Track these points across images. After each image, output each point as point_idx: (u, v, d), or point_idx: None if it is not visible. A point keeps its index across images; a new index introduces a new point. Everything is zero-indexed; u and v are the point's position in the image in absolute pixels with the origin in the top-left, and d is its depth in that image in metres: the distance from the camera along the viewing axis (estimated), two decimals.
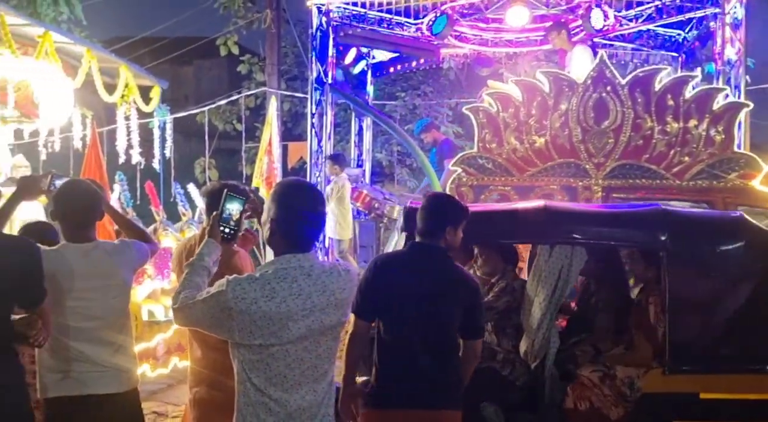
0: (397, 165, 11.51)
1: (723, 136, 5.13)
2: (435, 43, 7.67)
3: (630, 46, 8.36)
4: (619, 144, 5.26)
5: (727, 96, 5.70)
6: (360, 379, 2.83)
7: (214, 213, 2.25)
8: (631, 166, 5.26)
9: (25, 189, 2.81)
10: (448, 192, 5.58)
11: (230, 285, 1.99)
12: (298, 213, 2.06)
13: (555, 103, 5.37)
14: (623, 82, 5.26)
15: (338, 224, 7.07)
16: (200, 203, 7.88)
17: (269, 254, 2.57)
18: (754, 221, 3.41)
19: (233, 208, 2.23)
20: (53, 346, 2.58)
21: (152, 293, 5.65)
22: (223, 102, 11.86)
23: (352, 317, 2.60)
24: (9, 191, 3.05)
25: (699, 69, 7.79)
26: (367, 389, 2.69)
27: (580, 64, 6.16)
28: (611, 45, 8.22)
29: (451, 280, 2.68)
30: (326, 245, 7.12)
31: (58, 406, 2.61)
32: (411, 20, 7.57)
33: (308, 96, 7.46)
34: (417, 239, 2.75)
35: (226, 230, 2.23)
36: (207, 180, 11.57)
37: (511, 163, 5.45)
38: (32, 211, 6.06)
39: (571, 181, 5.35)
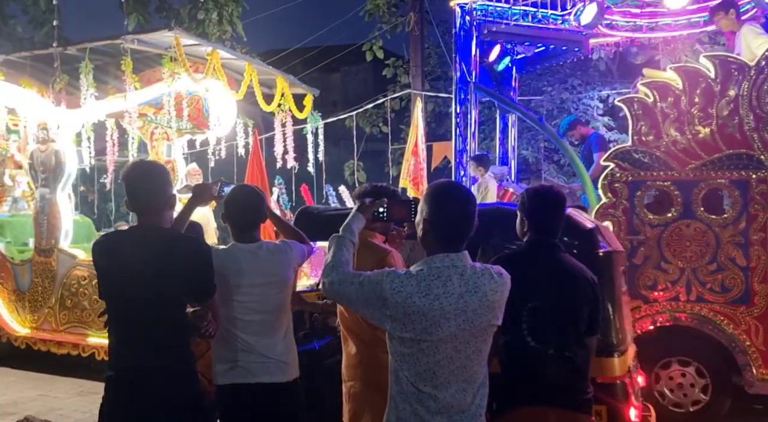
0: (544, 161, 11.17)
1: None
2: (583, 33, 7.35)
3: None
4: None
5: None
6: None
7: (369, 200, 2.40)
8: None
9: (199, 195, 3.08)
10: (599, 187, 5.35)
11: (388, 278, 2.08)
12: (451, 213, 2.11)
13: (722, 89, 4.93)
14: None
15: None
16: (351, 204, 8.25)
17: None
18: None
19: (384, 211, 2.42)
20: (224, 337, 2.84)
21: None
22: (369, 106, 12.26)
23: None
24: (185, 197, 3.42)
25: None
26: (498, 387, 2.65)
27: (750, 44, 5.58)
28: None
29: (564, 277, 2.60)
30: None
31: (228, 393, 2.85)
32: (557, 12, 7.32)
33: (452, 96, 7.49)
34: (527, 237, 2.68)
35: (380, 209, 2.39)
36: (356, 182, 12.04)
37: (670, 157, 5.09)
38: (200, 214, 6.69)
39: (743, 174, 4.89)
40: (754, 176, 4.86)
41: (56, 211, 6.95)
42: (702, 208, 5.00)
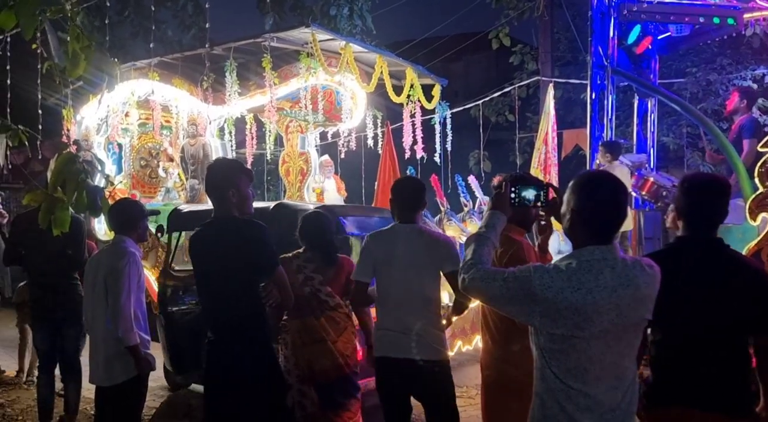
0: (687, 148, 10.40)
1: None
2: (738, 7, 6.74)
3: None
4: None
5: None
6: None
7: (505, 183, 2.34)
8: None
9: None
10: (755, 175, 4.90)
11: (537, 273, 2.03)
12: (600, 203, 2.04)
13: None
14: None
15: None
16: (480, 194, 8.18)
17: None
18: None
19: (528, 193, 2.31)
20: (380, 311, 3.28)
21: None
22: (496, 94, 12.06)
23: None
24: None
25: None
26: (649, 389, 2.55)
27: None
28: None
29: (728, 274, 2.41)
30: None
31: (379, 364, 3.25)
32: None
33: (585, 81, 7.19)
34: (683, 232, 2.49)
35: (515, 200, 2.31)
36: (481, 172, 11.92)
37: None
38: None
39: None
40: None
41: (204, 201, 7.51)
42: None
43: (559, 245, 7.21)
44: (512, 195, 2.29)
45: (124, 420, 3.49)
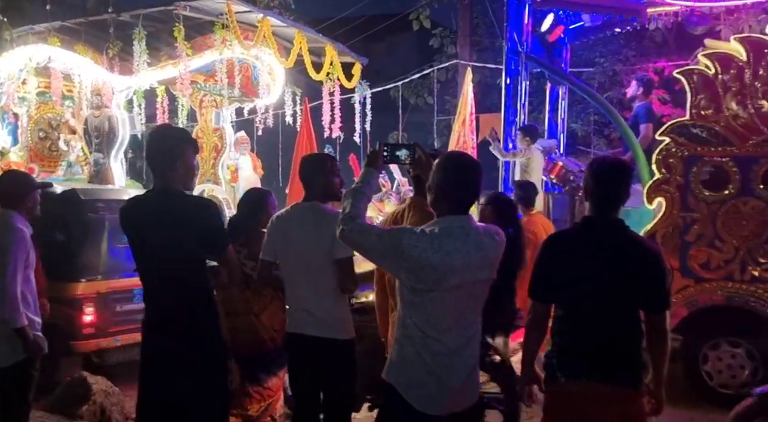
0: (594, 135, 10.90)
1: None
2: (642, 1, 7.08)
3: None
4: None
5: None
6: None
7: (378, 144, 2.59)
8: None
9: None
10: (654, 163, 5.21)
11: (406, 234, 2.33)
12: (460, 180, 2.35)
13: None
14: None
15: None
16: (398, 175, 8.24)
17: None
18: None
19: (400, 152, 2.63)
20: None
21: None
22: (415, 76, 12.13)
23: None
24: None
25: None
26: (548, 364, 2.69)
27: None
28: None
29: (628, 253, 2.56)
30: None
31: (286, 340, 3.26)
32: None
33: (500, 67, 7.35)
34: (589, 212, 2.63)
35: (387, 157, 2.60)
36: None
37: (730, 131, 4.91)
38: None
39: None
40: None
41: (109, 176, 7.16)
42: (761, 186, 4.83)
43: None
44: (384, 153, 2.59)
45: (14, 403, 3.31)
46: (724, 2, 7.40)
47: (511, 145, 7.09)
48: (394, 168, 8.20)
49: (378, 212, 6.98)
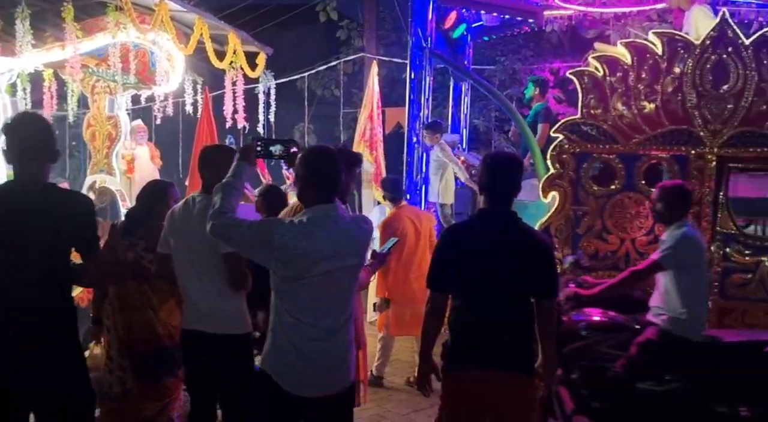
0: (495, 131, 11.29)
1: None
2: (538, 4, 7.40)
3: (755, 2, 7.69)
4: (739, 110, 4.92)
5: None
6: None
7: (251, 138, 2.65)
8: (751, 133, 4.91)
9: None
10: (549, 158, 5.46)
11: (275, 224, 2.44)
12: (323, 172, 2.49)
13: (668, 66, 5.08)
14: (747, 42, 4.88)
15: (442, 190, 7.09)
16: None
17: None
18: None
19: (274, 148, 2.68)
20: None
21: None
22: (321, 68, 12.05)
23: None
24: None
25: None
26: (445, 354, 2.78)
27: (698, 24, 5.75)
28: (734, 2, 7.60)
29: (520, 243, 2.69)
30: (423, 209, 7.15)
31: (182, 336, 3.17)
32: None
33: (406, 61, 7.43)
34: (484, 205, 2.75)
35: (261, 152, 2.66)
36: (306, 145, 11.88)
37: (616, 130, 5.23)
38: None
39: (683, 150, 5.08)
40: (693, 152, 5.05)
41: None
42: (643, 181, 5.18)
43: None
44: (258, 148, 2.64)
45: None
46: (613, 9, 7.87)
47: (415, 139, 7.19)
48: None
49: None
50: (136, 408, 3.52)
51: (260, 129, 7.95)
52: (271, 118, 8.10)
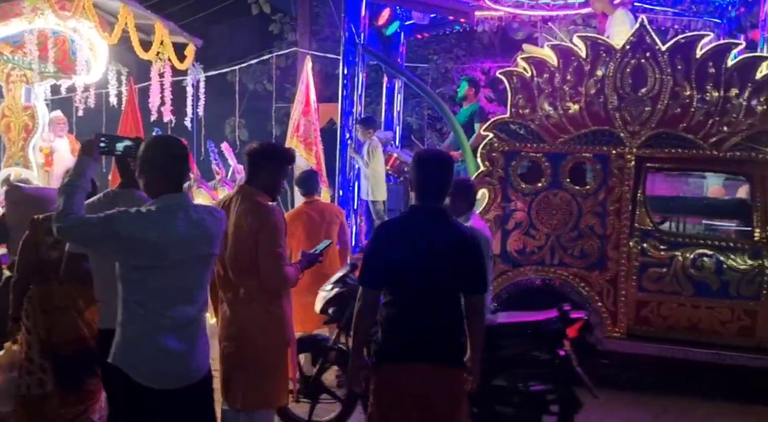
0: (428, 129, 11.41)
1: (765, 107, 5.00)
2: (470, 4, 7.52)
3: (672, 10, 8.10)
4: (656, 112, 5.17)
5: None
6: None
7: (95, 134, 2.57)
8: (667, 134, 5.17)
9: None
10: (479, 156, 5.57)
11: (124, 215, 2.37)
12: (169, 160, 2.47)
13: (591, 68, 5.28)
14: (663, 48, 5.14)
15: (372, 186, 7.08)
16: (232, 162, 7.99)
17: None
18: None
19: (119, 144, 2.63)
20: None
21: None
22: (253, 61, 11.85)
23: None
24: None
25: (743, 36, 7.54)
26: (375, 349, 2.79)
27: (620, 28, 6.00)
28: (652, 10, 7.98)
29: (450, 239, 2.70)
30: (355, 207, 7.16)
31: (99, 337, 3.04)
32: None
33: (340, 57, 7.40)
34: (415, 201, 2.77)
35: (105, 148, 2.59)
36: (237, 139, 11.66)
37: (543, 130, 5.40)
38: None
39: (604, 149, 5.29)
40: (614, 152, 5.28)
41: None
42: (568, 179, 5.37)
43: None
44: (102, 144, 2.56)
45: None
46: (541, 12, 8.11)
47: (348, 135, 7.18)
48: (229, 154, 7.95)
49: (211, 201, 6.72)
50: (55, 410, 3.37)
51: (188, 123, 7.75)
52: (200, 111, 7.91)
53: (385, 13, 7.83)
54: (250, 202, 2.95)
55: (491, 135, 5.52)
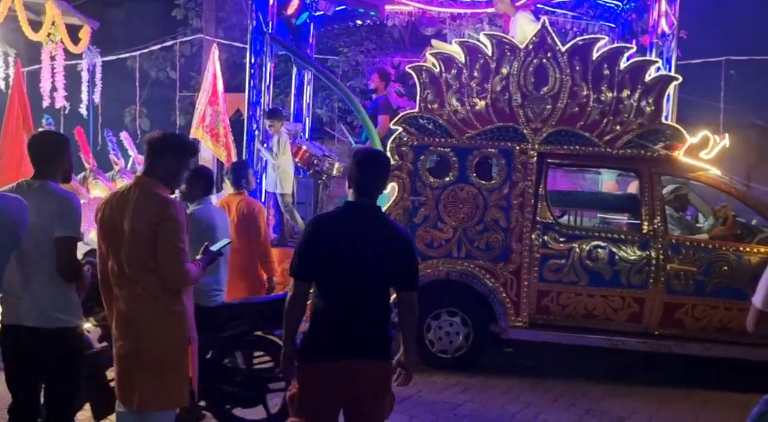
0: (338, 122, 11.36)
1: (652, 108, 5.34)
2: None
3: (571, 14, 8.48)
4: (556, 110, 5.39)
5: (659, 69, 5.91)
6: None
7: None
8: (566, 132, 5.41)
9: None
10: (389, 150, 5.60)
11: None
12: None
13: (497, 66, 5.43)
14: (563, 49, 5.36)
15: (280, 179, 6.94)
16: (132, 152, 7.61)
17: None
18: None
19: None
20: None
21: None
22: (156, 47, 11.33)
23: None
24: None
25: (634, 41, 8.03)
26: (303, 343, 2.76)
27: (523, 29, 6.22)
28: (553, 12, 8.32)
29: (385, 236, 2.74)
30: (263, 199, 7.01)
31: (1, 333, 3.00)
32: None
33: (247, 46, 7.20)
34: (351, 198, 2.78)
35: None
36: (137, 129, 11.11)
37: (451, 125, 5.50)
38: None
39: (509, 145, 5.47)
40: (517, 147, 5.46)
41: None
42: (474, 174, 5.51)
43: None
44: None
45: None
46: (449, 9, 8.26)
47: (255, 126, 7.01)
48: (129, 144, 7.57)
49: (108, 192, 6.37)
50: None
51: (83, 110, 7.30)
52: (97, 98, 7.47)
53: (295, 2, 7.70)
54: (148, 193, 2.82)
55: (400, 129, 5.56)
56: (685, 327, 5.29)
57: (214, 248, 3.23)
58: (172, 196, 2.96)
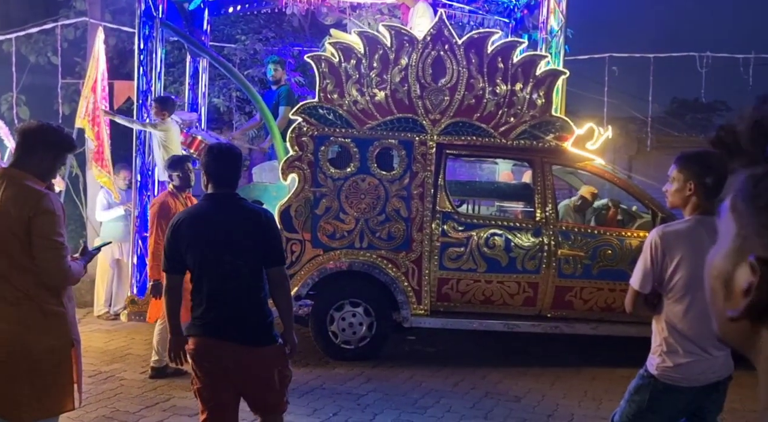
0: (236, 111, 11.01)
1: (543, 100, 5.57)
2: None
3: (467, 8, 8.67)
4: (453, 102, 5.49)
5: (548, 63, 6.17)
6: None
7: None
8: (463, 123, 5.53)
9: None
10: (288, 140, 5.50)
11: None
12: None
13: (396, 57, 5.45)
14: (459, 42, 5.47)
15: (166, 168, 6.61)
16: (9, 143, 7.00)
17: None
18: None
19: None
20: None
21: None
22: (34, 30, 10.48)
23: None
24: None
25: (526, 36, 8.33)
26: (187, 326, 2.95)
27: (421, 20, 6.27)
28: (450, 5, 8.47)
29: (246, 219, 2.90)
30: (155, 193, 6.67)
31: None
32: None
33: (135, 30, 6.80)
34: (210, 190, 2.94)
35: None
36: (15, 118, 10.26)
37: (351, 115, 5.48)
38: None
39: (409, 136, 5.52)
40: (417, 138, 5.53)
41: None
42: (375, 165, 5.52)
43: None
44: None
45: None
46: None
47: (145, 115, 6.65)
48: (6, 135, 6.97)
49: None
50: None
51: None
52: None
53: None
54: (18, 186, 2.59)
55: (300, 119, 5.47)
56: (575, 308, 5.59)
57: (92, 248, 3.12)
58: (47, 190, 2.73)
